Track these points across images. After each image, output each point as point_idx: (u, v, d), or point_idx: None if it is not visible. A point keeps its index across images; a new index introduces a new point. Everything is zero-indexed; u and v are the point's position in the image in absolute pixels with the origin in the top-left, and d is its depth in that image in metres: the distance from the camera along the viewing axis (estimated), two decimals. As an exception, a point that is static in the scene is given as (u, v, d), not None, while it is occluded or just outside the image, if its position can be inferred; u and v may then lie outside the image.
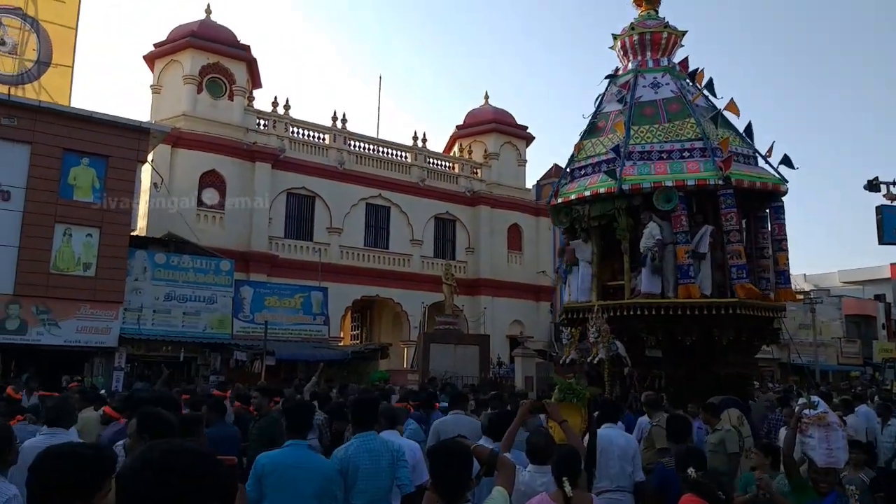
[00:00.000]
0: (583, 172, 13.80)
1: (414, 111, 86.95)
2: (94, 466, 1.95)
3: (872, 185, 15.79)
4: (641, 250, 12.22)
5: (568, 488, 3.39)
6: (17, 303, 16.38)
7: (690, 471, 3.72)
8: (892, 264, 39.65)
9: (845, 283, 46.52)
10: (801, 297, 37.28)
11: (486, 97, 32.32)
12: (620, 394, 11.19)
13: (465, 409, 6.01)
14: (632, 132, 13.08)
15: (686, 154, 12.70)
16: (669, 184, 12.23)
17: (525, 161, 31.74)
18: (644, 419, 7.79)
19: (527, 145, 32.02)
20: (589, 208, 13.06)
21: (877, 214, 15.84)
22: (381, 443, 4.27)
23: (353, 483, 4.05)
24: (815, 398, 4.61)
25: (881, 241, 15.93)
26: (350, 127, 26.80)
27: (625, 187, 12.35)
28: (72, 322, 16.91)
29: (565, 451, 3.73)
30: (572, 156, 14.34)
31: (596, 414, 5.34)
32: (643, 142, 13.02)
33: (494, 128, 30.63)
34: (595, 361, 11.60)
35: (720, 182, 12.05)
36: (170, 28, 24.98)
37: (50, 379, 15.02)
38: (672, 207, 12.16)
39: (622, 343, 11.68)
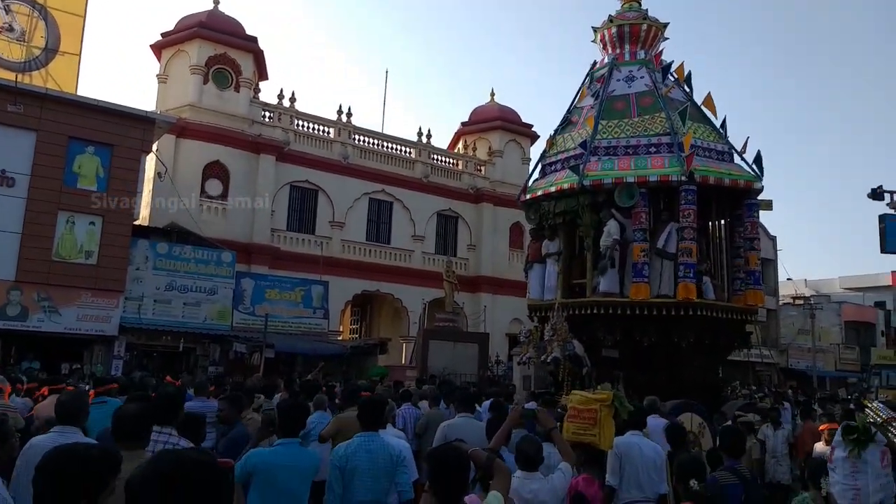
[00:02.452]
0: (553, 168, 13.72)
1: (419, 107, 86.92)
2: (100, 466, 1.97)
3: (877, 194, 15.76)
4: (600, 249, 12.13)
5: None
6: (18, 289, 16.43)
7: (693, 482, 3.73)
8: (893, 272, 39.65)
9: (846, 289, 46.49)
10: (802, 301, 37.36)
11: (492, 94, 32.27)
12: None
13: (474, 411, 6.01)
14: (600, 127, 12.95)
15: (653, 149, 12.49)
16: (631, 180, 12.05)
17: (529, 159, 31.60)
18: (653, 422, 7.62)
19: (531, 143, 31.95)
20: (555, 205, 12.95)
21: (880, 223, 15.80)
22: (380, 444, 4.31)
23: (351, 481, 4.12)
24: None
25: (884, 250, 15.90)
26: (355, 121, 26.76)
27: (586, 183, 12.22)
28: (72, 309, 16.96)
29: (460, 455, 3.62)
30: (544, 151, 14.26)
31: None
32: (610, 137, 12.86)
33: (500, 125, 30.59)
34: (549, 360, 11.46)
35: (683, 178, 11.87)
36: (177, 18, 24.98)
37: (50, 366, 15.09)
38: (634, 204, 12.00)
39: (581, 343, 11.53)
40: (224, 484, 1.44)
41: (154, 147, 19.93)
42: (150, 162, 20.28)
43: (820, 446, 6.63)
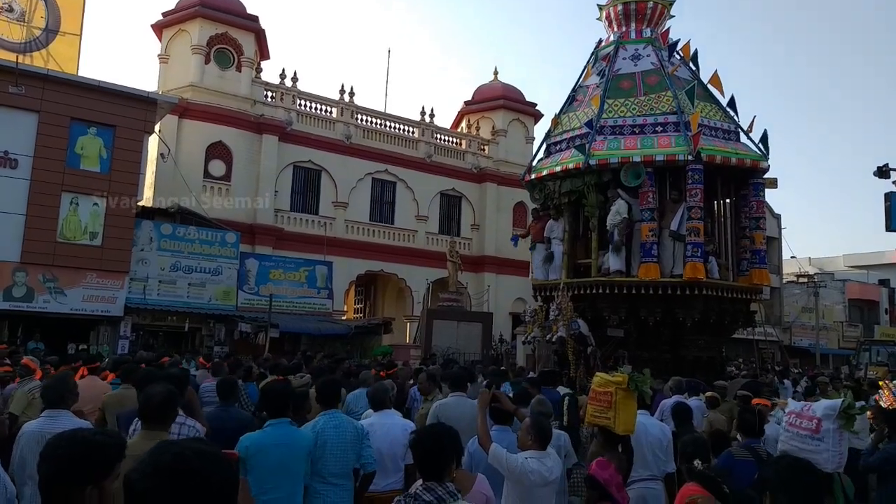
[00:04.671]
0: (558, 148, 13.63)
1: (422, 86, 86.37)
2: (106, 451, 1.99)
3: (882, 172, 15.68)
4: (608, 227, 12.07)
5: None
6: (23, 270, 16.49)
7: (697, 462, 3.75)
8: (897, 249, 39.51)
9: (850, 267, 46.36)
10: (805, 279, 37.28)
11: (496, 73, 32.01)
12: (585, 373, 11.00)
13: (466, 390, 6.01)
14: (606, 105, 12.82)
15: (659, 128, 12.37)
16: (637, 159, 11.96)
17: (533, 138, 31.45)
18: (668, 401, 7.62)
19: (535, 123, 31.76)
20: (560, 184, 12.86)
21: (885, 201, 15.71)
22: (345, 420, 4.68)
23: (322, 455, 4.41)
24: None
25: (889, 228, 15.82)
26: (357, 101, 26.62)
27: (592, 162, 12.12)
28: (78, 290, 17.04)
29: (452, 433, 3.76)
30: (549, 131, 14.16)
31: None
32: (616, 116, 12.74)
33: (503, 104, 30.38)
34: (553, 339, 11.46)
35: (689, 157, 11.76)
36: (178, -3, 24.70)
37: (56, 347, 15.19)
38: (640, 183, 11.91)
39: (586, 322, 11.52)
40: (230, 477, 1.38)
41: (156, 128, 19.87)
42: (153, 143, 20.23)
43: (768, 427, 5.96)
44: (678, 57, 13.75)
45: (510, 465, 3.97)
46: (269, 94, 24.70)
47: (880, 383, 7.76)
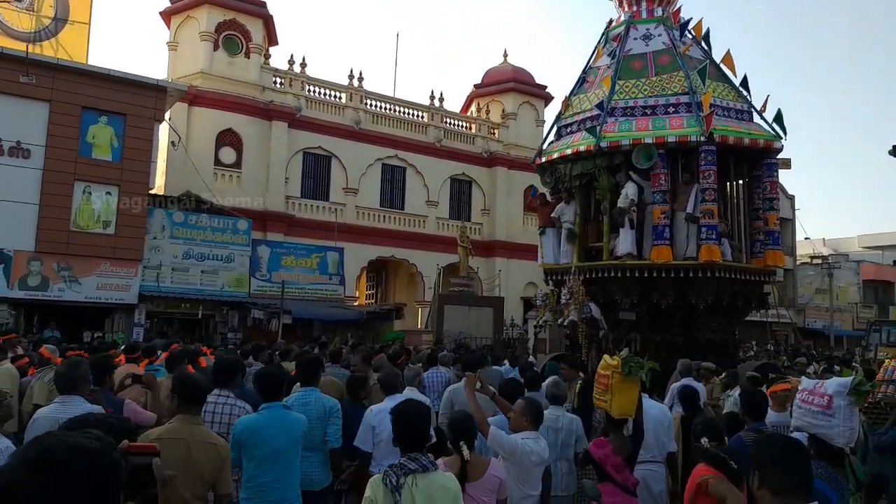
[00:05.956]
0: (568, 130, 13.47)
1: (431, 70, 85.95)
2: (120, 434, 2.02)
3: (897, 152, 15.47)
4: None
5: (466, 452, 3.45)
6: (38, 259, 16.66)
7: (704, 440, 3.76)
8: (913, 230, 39.06)
9: (865, 247, 45.93)
10: (819, 261, 36.99)
11: (505, 55, 31.78)
12: (597, 357, 10.97)
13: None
14: (617, 87, 12.64)
15: (671, 109, 12.19)
16: (649, 140, 11.83)
17: (543, 121, 31.23)
18: (676, 385, 7.59)
19: (545, 105, 31.54)
20: (571, 167, 12.75)
21: (900, 181, 15.52)
22: (316, 398, 4.92)
23: None
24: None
25: (904, 208, 15.62)
26: (366, 86, 26.52)
27: (603, 144, 12.01)
28: (92, 279, 17.20)
29: (461, 416, 3.78)
30: (559, 113, 14.00)
31: None
32: (627, 97, 12.57)
33: (513, 87, 30.18)
34: (565, 323, 11.43)
35: (702, 138, 11.60)
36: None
37: (72, 335, 15.36)
38: (652, 165, 11.81)
39: (598, 305, 11.49)
40: (106, 471, 1.29)
41: (167, 115, 19.93)
42: (164, 131, 20.30)
43: (775, 415, 5.65)
44: (690, 36, 13.56)
45: (512, 447, 4.03)
46: (278, 80, 24.66)
47: (886, 361, 7.68)
